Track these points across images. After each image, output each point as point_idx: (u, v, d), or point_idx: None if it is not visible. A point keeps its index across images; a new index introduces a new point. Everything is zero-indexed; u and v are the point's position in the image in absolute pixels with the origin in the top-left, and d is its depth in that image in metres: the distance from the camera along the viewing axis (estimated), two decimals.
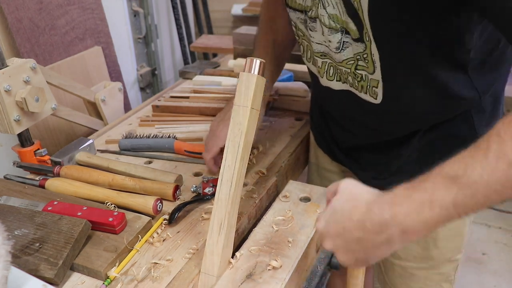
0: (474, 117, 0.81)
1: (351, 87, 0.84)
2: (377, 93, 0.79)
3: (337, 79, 0.86)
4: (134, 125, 1.23)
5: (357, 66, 0.79)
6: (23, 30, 1.27)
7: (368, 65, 0.77)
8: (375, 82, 0.78)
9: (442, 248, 0.94)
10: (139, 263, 0.73)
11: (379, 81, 0.77)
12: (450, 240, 0.94)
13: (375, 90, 0.79)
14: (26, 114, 0.97)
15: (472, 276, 1.87)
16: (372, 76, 0.77)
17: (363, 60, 0.77)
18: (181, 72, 1.59)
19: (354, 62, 0.78)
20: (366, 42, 0.73)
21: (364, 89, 0.81)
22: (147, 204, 0.81)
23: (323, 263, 0.81)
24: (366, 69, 0.78)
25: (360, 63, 0.78)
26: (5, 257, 0.59)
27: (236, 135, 0.68)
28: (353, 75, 0.81)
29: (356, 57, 0.78)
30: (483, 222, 2.16)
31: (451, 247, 0.95)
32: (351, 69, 0.80)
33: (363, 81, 0.80)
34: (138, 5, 1.91)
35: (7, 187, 0.90)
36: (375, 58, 0.75)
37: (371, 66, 0.76)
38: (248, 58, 0.70)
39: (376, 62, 0.75)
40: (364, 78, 0.79)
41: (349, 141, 0.95)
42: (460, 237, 0.94)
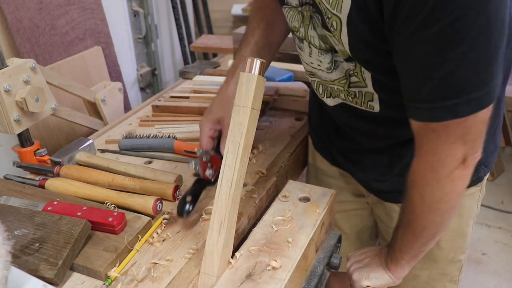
0: None
1: (344, 101, 0.84)
2: (374, 106, 0.79)
3: (327, 95, 0.86)
4: (134, 125, 1.23)
5: (350, 84, 0.79)
6: (23, 30, 1.27)
7: (359, 79, 0.77)
8: (369, 95, 0.78)
9: (445, 249, 0.94)
10: (139, 263, 0.73)
11: (373, 93, 0.77)
12: (453, 241, 0.94)
13: (370, 104, 0.79)
14: (26, 114, 0.97)
15: (472, 276, 1.87)
16: (366, 89, 0.78)
17: (355, 75, 0.77)
18: (181, 72, 1.59)
19: (347, 80, 0.79)
20: (356, 60, 0.73)
21: (359, 104, 0.81)
22: (147, 204, 0.81)
23: (322, 263, 0.81)
24: (359, 84, 0.78)
25: (353, 79, 0.78)
26: (5, 257, 0.59)
27: (236, 135, 0.68)
28: (346, 93, 0.81)
29: (348, 73, 0.78)
30: (483, 222, 2.16)
31: (454, 247, 0.95)
32: (344, 87, 0.81)
33: (357, 98, 0.80)
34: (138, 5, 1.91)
35: (7, 187, 0.90)
36: (365, 76, 0.75)
37: (363, 82, 0.77)
38: (248, 58, 0.70)
39: (367, 80, 0.76)
40: (358, 95, 0.80)
41: (349, 146, 0.95)
42: (463, 237, 0.95)
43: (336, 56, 0.76)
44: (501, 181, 2.43)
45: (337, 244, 0.86)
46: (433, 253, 0.94)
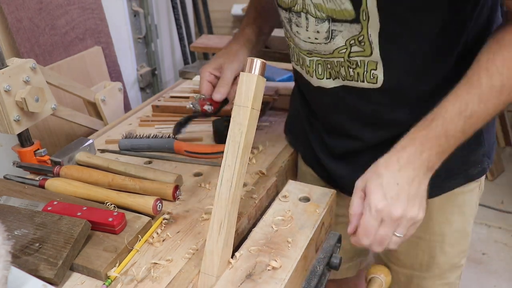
0: None
1: (344, 80, 0.81)
2: (377, 76, 0.76)
3: (327, 76, 0.83)
4: (134, 125, 1.23)
5: (350, 54, 0.76)
6: (23, 30, 1.27)
7: (365, 47, 0.74)
8: (373, 64, 0.76)
9: (449, 254, 0.93)
10: (139, 263, 0.73)
11: (377, 62, 0.75)
12: (457, 243, 0.93)
13: (374, 73, 0.76)
14: (26, 114, 0.97)
15: (472, 276, 1.87)
16: (370, 58, 0.75)
17: (357, 44, 0.74)
18: (181, 72, 1.59)
19: (347, 49, 0.76)
20: (363, 22, 0.71)
21: (361, 77, 0.78)
22: (147, 204, 0.81)
23: (322, 263, 0.81)
24: (362, 53, 0.75)
25: (354, 48, 0.75)
26: (5, 257, 0.59)
27: (236, 135, 0.68)
28: (347, 64, 0.78)
29: (349, 42, 0.75)
30: (483, 222, 2.16)
31: (458, 251, 0.94)
32: (344, 57, 0.77)
33: (359, 67, 0.77)
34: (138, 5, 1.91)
35: (7, 187, 0.90)
36: (372, 38, 0.73)
37: (368, 48, 0.74)
38: (248, 58, 0.70)
39: (373, 43, 0.73)
40: (360, 64, 0.77)
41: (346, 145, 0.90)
42: (465, 238, 0.94)
43: (334, 25, 0.74)
44: (501, 181, 2.43)
45: (337, 244, 0.86)
46: (437, 258, 0.93)
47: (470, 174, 0.86)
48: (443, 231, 0.91)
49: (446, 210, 0.89)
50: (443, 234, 0.91)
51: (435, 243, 0.92)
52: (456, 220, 0.90)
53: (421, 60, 0.75)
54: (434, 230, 0.91)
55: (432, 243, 0.92)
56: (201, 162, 1.02)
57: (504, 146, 2.57)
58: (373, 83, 0.77)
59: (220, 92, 0.88)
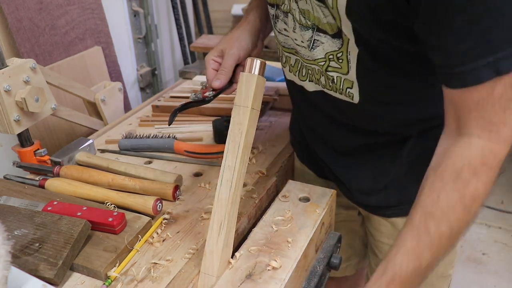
0: None
1: (323, 88, 0.80)
2: (353, 94, 0.75)
3: (309, 79, 0.82)
4: (134, 125, 1.23)
5: (328, 68, 0.75)
6: (23, 30, 1.27)
7: (342, 65, 0.73)
8: (349, 83, 0.74)
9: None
10: (139, 263, 0.73)
11: (353, 82, 0.73)
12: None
13: (350, 91, 0.75)
14: (26, 114, 0.97)
15: (472, 276, 1.87)
16: (346, 76, 0.74)
17: (335, 60, 0.73)
18: (181, 72, 1.59)
19: (325, 62, 0.75)
20: (344, 37, 0.69)
21: (338, 90, 0.77)
22: (147, 204, 0.81)
23: (322, 263, 0.81)
24: (339, 70, 0.74)
25: (332, 63, 0.74)
26: (5, 257, 0.59)
27: (236, 135, 0.68)
28: (326, 76, 0.77)
29: (328, 57, 0.73)
30: (483, 222, 2.16)
31: (444, 263, 0.92)
32: (322, 69, 0.76)
33: (335, 83, 0.76)
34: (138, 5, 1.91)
35: (7, 187, 0.90)
36: (350, 57, 0.71)
37: (345, 67, 0.72)
38: (248, 58, 0.70)
39: (351, 62, 0.71)
40: (336, 81, 0.75)
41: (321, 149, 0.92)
42: (452, 251, 0.92)
43: (318, 35, 0.72)
44: (501, 181, 2.43)
45: (337, 244, 0.86)
46: None
47: None
48: None
49: None
50: None
51: None
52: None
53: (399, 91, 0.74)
54: None
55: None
56: (201, 162, 1.02)
57: None
58: (350, 98, 0.76)
59: (220, 80, 0.87)
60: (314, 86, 0.82)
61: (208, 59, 0.89)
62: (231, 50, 0.87)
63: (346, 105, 0.78)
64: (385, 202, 0.87)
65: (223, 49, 0.88)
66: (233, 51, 0.87)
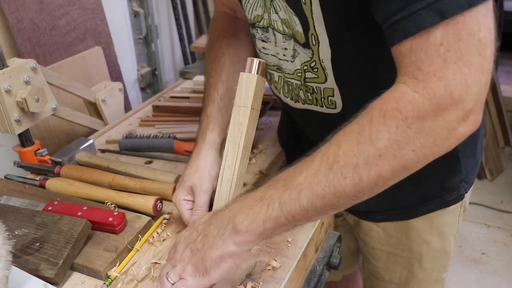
0: None
1: (304, 104, 0.78)
2: (335, 101, 0.73)
3: (290, 97, 0.81)
4: (134, 125, 1.23)
5: (306, 79, 0.74)
6: (23, 31, 1.27)
7: (318, 74, 0.71)
8: (329, 91, 0.72)
9: (428, 269, 0.91)
10: (139, 263, 0.73)
11: (334, 88, 0.72)
12: (435, 261, 0.91)
13: (331, 99, 0.73)
14: (26, 114, 0.97)
15: (471, 275, 1.88)
16: (325, 85, 0.72)
17: (310, 70, 0.72)
18: (181, 72, 1.59)
19: (302, 73, 0.74)
20: (313, 47, 0.68)
21: (319, 102, 0.75)
22: (147, 204, 0.81)
23: (322, 262, 0.81)
24: (316, 79, 0.72)
25: (308, 74, 0.72)
26: (6, 257, 0.59)
27: (236, 135, 0.69)
28: (304, 89, 0.75)
29: (303, 67, 0.72)
30: (483, 222, 2.16)
31: (437, 267, 0.92)
32: (301, 81, 0.75)
33: (316, 93, 0.74)
34: (138, 6, 1.91)
35: (7, 187, 0.90)
36: (325, 64, 0.69)
37: (322, 75, 0.71)
38: (248, 58, 0.70)
39: (326, 69, 0.69)
40: (316, 90, 0.74)
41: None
42: (445, 256, 0.92)
43: (296, 45, 0.72)
44: (500, 181, 2.43)
45: (337, 243, 0.86)
46: (416, 274, 0.92)
47: (445, 200, 0.83)
48: (421, 250, 0.89)
49: (423, 231, 0.87)
50: (421, 253, 0.89)
51: (413, 260, 0.91)
52: (434, 241, 0.88)
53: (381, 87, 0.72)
54: (412, 249, 0.90)
55: (410, 260, 0.91)
56: None
57: (504, 146, 2.57)
58: (332, 108, 0.74)
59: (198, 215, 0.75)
60: (296, 104, 0.81)
61: (178, 200, 0.77)
62: (203, 186, 0.75)
63: (330, 117, 0.75)
64: (374, 207, 0.86)
65: (192, 185, 0.76)
66: (206, 187, 0.75)
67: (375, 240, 0.93)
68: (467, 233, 2.09)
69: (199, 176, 0.76)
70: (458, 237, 0.94)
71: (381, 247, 0.93)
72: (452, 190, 0.82)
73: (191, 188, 0.77)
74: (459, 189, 0.83)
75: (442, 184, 0.81)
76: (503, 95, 2.49)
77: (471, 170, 0.84)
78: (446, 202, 0.83)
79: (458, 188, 0.83)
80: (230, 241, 0.58)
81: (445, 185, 0.82)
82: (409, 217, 0.85)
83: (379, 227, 0.90)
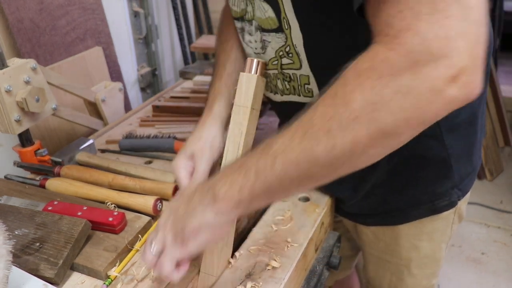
0: (445, 136, 0.74)
1: (282, 95, 0.77)
2: (311, 90, 0.71)
3: (270, 89, 0.80)
4: (134, 125, 1.23)
5: (282, 66, 0.72)
6: (23, 31, 1.27)
7: (293, 59, 0.70)
8: (305, 78, 0.71)
9: (418, 276, 0.90)
10: (139, 262, 0.73)
11: (309, 76, 0.70)
12: (425, 267, 0.90)
13: (308, 87, 0.71)
14: (26, 114, 0.97)
15: (471, 275, 1.88)
16: (300, 72, 0.70)
17: (286, 56, 0.70)
18: (181, 73, 1.59)
19: (278, 60, 0.72)
20: (286, 31, 0.67)
21: (297, 91, 0.74)
22: (147, 204, 0.81)
23: (322, 262, 0.81)
24: (292, 66, 0.70)
25: (284, 60, 0.71)
26: (6, 257, 0.59)
27: (236, 135, 0.69)
28: (282, 77, 0.74)
29: (279, 54, 0.71)
30: (482, 221, 2.16)
31: (427, 274, 0.91)
32: (277, 69, 0.73)
33: (293, 81, 0.73)
34: (138, 6, 1.91)
35: (7, 187, 0.91)
36: (298, 49, 0.67)
37: (297, 61, 0.69)
38: (248, 58, 0.70)
39: (300, 54, 0.68)
40: (293, 77, 0.72)
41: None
42: (435, 262, 0.90)
43: (264, 35, 0.71)
44: (500, 181, 2.43)
45: (337, 243, 0.86)
46: (405, 281, 0.91)
47: (436, 207, 0.81)
48: (410, 256, 0.88)
49: (413, 237, 0.85)
50: (410, 259, 0.88)
51: (403, 267, 0.90)
52: (424, 246, 0.86)
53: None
54: (401, 255, 0.89)
55: (399, 266, 0.90)
56: None
57: (504, 146, 2.57)
58: (309, 96, 0.73)
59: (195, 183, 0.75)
60: (276, 96, 0.80)
61: (177, 167, 0.76)
62: (204, 154, 0.76)
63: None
64: (365, 209, 0.85)
65: (193, 153, 0.76)
66: (207, 156, 0.76)
67: (365, 243, 0.93)
68: (467, 233, 2.09)
69: (201, 145, 0.76)
70: (458, 237, 0.94)
71: (370, 251, 0.93)
72: (443, 196, 0.80)
73: (192, 155, 0.76)
74: (451, 195, 0.80)
75: (433, 189, 0.79)
76: (503, 95, 2.49)
77: (467, 177, 0.81)
78: (437, 209, 0.81)
79: (450, 194, 0.80)
80: (208, 209, 0.56)
81: (436, 191, 0.80)
82: (400, 221, 0.84)
83: (369, 230, 0.90)
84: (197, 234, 0.56)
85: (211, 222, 0.56)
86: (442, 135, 0.74)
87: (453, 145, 0.75)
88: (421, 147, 0.74)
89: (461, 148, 0.77)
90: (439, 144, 0.74)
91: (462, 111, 0.72)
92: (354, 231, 0.97)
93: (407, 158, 0.75)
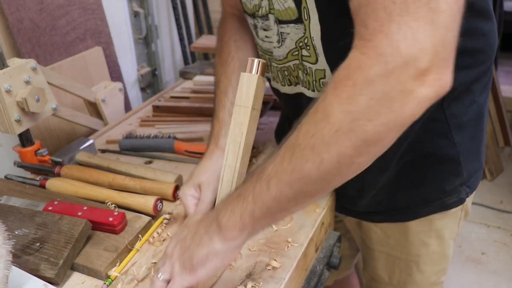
0: (454, 134, 0.75)
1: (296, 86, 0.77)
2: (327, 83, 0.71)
3: (287, 83, 0.80)
4: (134, 125, 1.23)
5: (303, 57, 0.72)
6: (24, 31, 1.27)
7: (310, 53, 0.70)
8: (321, 73, 0.71)
9: (426, 272, 0.91)
10: (139, 262, 0.73)
11: (325, 69, 0.70)
12: (434, 264, 0.91)
13: (323, 82, 0.72)
14: (26, 115, 0.97)
15: (471, 275, 1.88)
16: (316, 66, 0.71)
17: (305, 48, 0.70)
18: (181, 73, 1.59)
19: (299, 51, 0.72)
20: (305, 21, 0.67)
21: (311, 86, 0.74)
22: (147, 204, 0.81)
23: (322, 262, 0.81)
24: (309, 58, 0.71)
25: (304, 52, 0.71)
26: (6, 257, 0.59)
27: (237, 135, 0.69)
28: (302, 68, 0.74)
29: (298, 44, 0.71)
30: (482, 221, 2.16)
31: (436, 270, 0.92)
32: (299, 59, 0.73)
33: (308, 75, 0.73)
34: (138, 6, 1.91)
35: (8, 187, 0.91)
36: (315, 43, 0.68)
37: (313, 55, 0.70)
38: (249, 58, 0.70)
39: (317, 48, 0.68)
40: (309, 71, 0.73)
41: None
42: (444, 259, 0.91)
43: (282, 27, 0.71)
44: (500, 181, 2.43)
45: (337, 243, 0.86)
46: (414, 277, 0.92)
47: (446, 203, 0.82)
48: (419, 252, 0.89)
49: (422, 234, 0.86)
50: (420, 255, 0.89)
51: (412, 263, 0.91)
52: (433, 243, 0.87)
53: None
54: (410, 251, 0.89)
55: (409, 262, 0.91)
56: None
57: (503, 146, 2.57)
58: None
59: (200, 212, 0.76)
60: (292, 89, 0.80)
61: (185, 196, 0.78)
62: (210, 185, 0.77)
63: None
64: (373, 208, 0.86)
65: (200, 183, 0.78)
66: (214, 186, 0.77)
67: (374, 241, 0.93)
68: (467, 233, 2.09)
69: (208, 175, 0.78)
70: (458, 237, 0.94)
71: (380, 248, 0.93)
72: (452, 193, 0.82)
73: (199, 185, 0.78)
74: (460, 192, 0.82)
75: (442, 187, 0.81)
76: (503, 95, 2.49)
77: (474, 174, 0.83)
78: (446, 205, 0.82)
79: (459, 191, 0.82)
80: (215, 238, 0.58)
81: (445, 188, 0.81)
82: (409, 218, 0.85)
83: (378, 227, 0.90)
84: (206, 262, 0.58)
85: (219, 250, 0.58)
86: (452, 134, 0.75)
87: (462, 143, 0.76)
88: (431, 146, 0.75)
89: (470, 145, 0.78)
90: (448, 143, 0.75)
91: (469, 109, 0.74)
92: (358, 230, 0.97)
93: (417, 158, 0.76)
